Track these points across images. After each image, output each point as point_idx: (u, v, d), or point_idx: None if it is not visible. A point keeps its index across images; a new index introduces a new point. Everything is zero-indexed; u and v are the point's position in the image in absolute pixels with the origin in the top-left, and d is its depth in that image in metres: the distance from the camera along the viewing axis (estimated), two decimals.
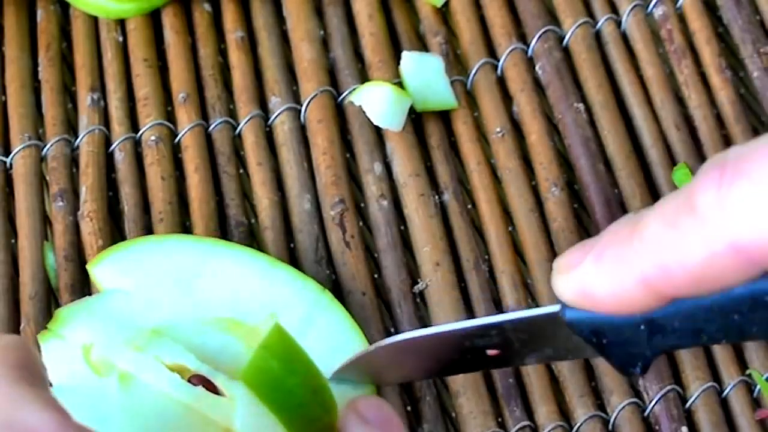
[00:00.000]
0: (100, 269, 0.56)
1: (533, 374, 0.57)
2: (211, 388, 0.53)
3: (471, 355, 0.48)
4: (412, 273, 0.60)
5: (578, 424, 0.56)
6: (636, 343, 0.43)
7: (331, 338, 0.54)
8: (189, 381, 0.52)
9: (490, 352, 0.48)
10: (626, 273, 0.41)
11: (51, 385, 0.51)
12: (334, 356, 0.53)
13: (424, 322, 0.59)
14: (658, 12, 0.67)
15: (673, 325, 0.42)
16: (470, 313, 0.58)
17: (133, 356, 0.53)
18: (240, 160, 0.63)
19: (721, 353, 0.58)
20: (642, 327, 0.43)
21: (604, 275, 0.42)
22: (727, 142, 0.63)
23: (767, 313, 0.41)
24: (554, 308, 0.45)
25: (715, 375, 0.58)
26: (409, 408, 0.57)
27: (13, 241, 0.61)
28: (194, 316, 0.55)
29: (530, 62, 0.66)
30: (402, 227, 0.61)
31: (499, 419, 0.56)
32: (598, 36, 0.66)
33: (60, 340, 0.53)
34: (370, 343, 0.54)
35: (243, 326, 0.55)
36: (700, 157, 0.63)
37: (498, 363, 0.49)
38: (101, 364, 0.53)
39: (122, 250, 0.56)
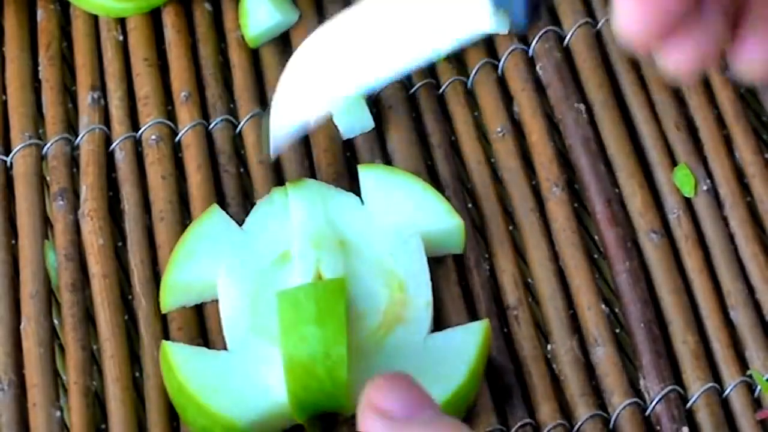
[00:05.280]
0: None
1: (535, 372, 0.57)
2: None
3: None
4: None
5: (579, 423, 0.56)
6: None
7: None
8: None
9: None
10: None
11: None
12: None
13: None
14: None
15: None
16: (472, 311, 0.58)
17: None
18: (241, 159, 0.63)
19: (722, 354, 0.58)
20: None
21: None
22: (727, 142, 0.63)
23: None
24: None
25: (715, 375, 0.58)
26: None
27: (13, 240, 0.61)
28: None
29: (531, 62, 0.66)
30: None
31: (501, 417, 0.56)
32: (598, 36, 0.66)
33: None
34: None
35: None
36: (701, 157, 0.63)
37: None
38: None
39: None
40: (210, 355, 0.55)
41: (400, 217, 0.58)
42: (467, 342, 0.55)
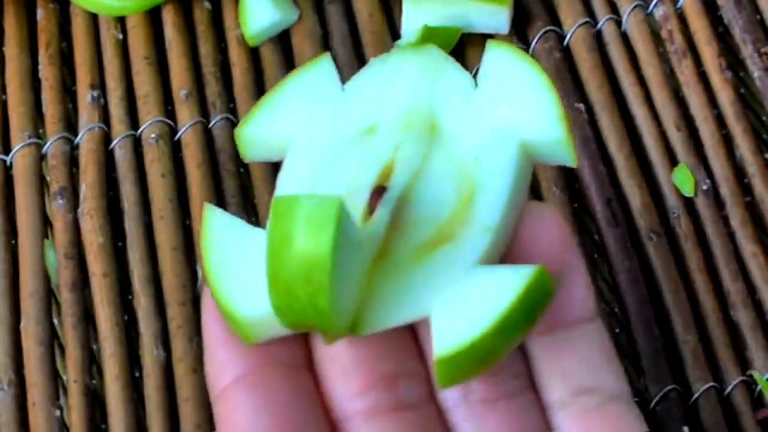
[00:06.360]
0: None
1: None
2: None
3: None
4: None
5: None
6: None
7: None
8: None
9: None
10: None
11: None
12: None
13: None
14: (658, 12, 0.67)
15: None
16: None
17: None
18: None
19: (722, 354, 0.58)
20: None
21: None
22: (727, 142, 0.63)
23: None
24: None
25: (716, 375, 0.58)
26: None
27: (13, 240, 0.61)
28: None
29: None
30: None
31: None
32: (598, 36, 0.66)
33: None
34: None
35: None
36: (701, 157, 0.63)
37: None
38: None
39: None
40: (244, 231, 0.45)
41: (507, 117, 0.46)
42: (508, 285, 0.43)
